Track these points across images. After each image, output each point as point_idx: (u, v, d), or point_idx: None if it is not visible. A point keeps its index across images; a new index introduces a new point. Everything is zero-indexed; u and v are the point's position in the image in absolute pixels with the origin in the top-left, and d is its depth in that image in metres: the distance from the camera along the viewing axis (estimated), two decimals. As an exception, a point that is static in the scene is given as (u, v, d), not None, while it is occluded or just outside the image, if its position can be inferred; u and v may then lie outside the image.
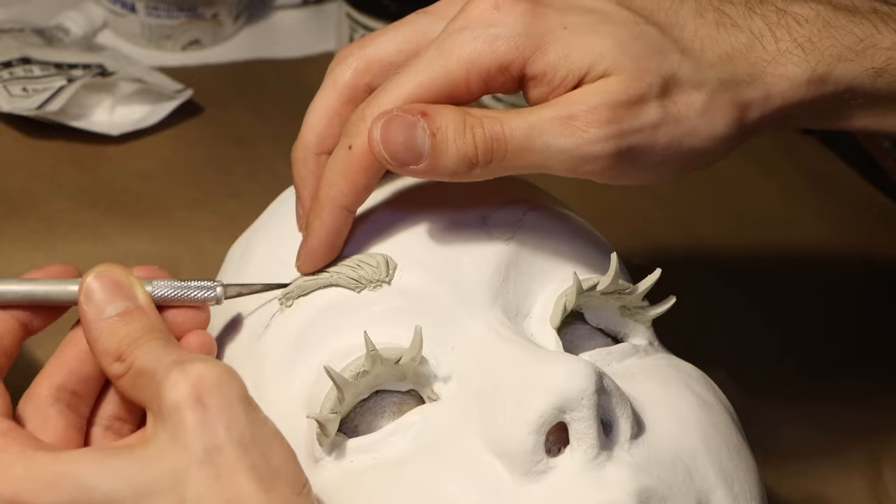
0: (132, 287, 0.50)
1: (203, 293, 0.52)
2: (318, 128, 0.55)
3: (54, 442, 0.49)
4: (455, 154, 0.50)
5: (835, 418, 0.72)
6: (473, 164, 0.50)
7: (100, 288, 0.50)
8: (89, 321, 0.50)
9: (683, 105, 0.52)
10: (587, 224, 0.58)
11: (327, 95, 0.55)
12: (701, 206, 0.86)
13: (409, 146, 0.50)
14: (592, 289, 0.53)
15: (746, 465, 0.52)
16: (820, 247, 0.84)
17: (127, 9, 0.93)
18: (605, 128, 0.50)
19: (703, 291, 0.77)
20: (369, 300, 0.52)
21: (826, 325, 0.78)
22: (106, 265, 0.51)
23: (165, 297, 0.51)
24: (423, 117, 0.50)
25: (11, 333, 0.51)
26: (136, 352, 0.48)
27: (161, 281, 0.52)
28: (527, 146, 0.50)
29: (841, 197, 0.89)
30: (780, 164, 0.90)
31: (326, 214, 0.52)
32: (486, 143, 0.50)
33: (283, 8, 1.01)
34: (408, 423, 0.50)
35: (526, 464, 0.47)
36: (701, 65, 0.52)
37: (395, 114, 0.50)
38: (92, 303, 0.50)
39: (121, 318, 0.49)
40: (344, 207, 0.52)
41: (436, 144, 0.50)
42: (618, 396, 0.49)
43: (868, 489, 0.70)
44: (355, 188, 0.52)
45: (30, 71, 0.84)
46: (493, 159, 0.51)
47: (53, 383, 0.51)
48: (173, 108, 0.86)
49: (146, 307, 0.50)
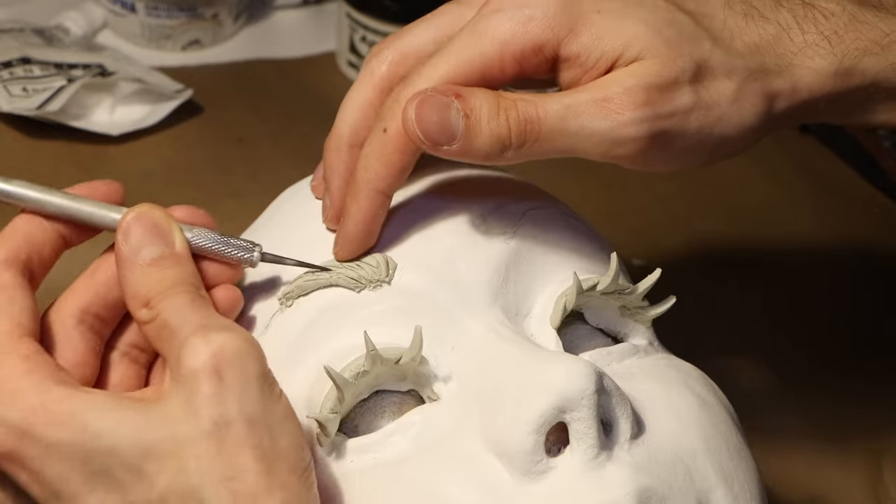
0: (171, 232, 0.50)
1: (241, 253, 0.52)
2: (353, 119, 0.54)
3: (72, 362, 0.50)
4: (488, 135, 0.50)
5: (835, 418, 0.72)
6: (506, 145, 0.50)
7: (139, 229, 0.50)
8: (123, 261, 0.49)
9: (715, 92, 0.52)
10: (587, 224, 0.58)
11: (363, 87, 0.55)
12: (701, 206, 0.86)
13: (442, 126, 0.50)
14: (592, 289, 0.53)
15: (746, 465, 0.52)
16: (820, 247, 0.84)
17: (127, 9, 0.93)
18: (640, 110, 0.50)
19: (703, 291, 0.77)
20: (369, 300, 0.52)
21: (826, 325, 0.78)
22: (148, 205, 0.50)
23: (202, 248, 0.51)
24: (456, 98, 0.50)
25: (51, 244, 0.51)
26: (163, 302, 0.48)
27: (202, 230, 0.51)
28: (561, 128, 0.51)
29: (841, 197, 0.89)
30: (779, 164, 0.90)
31: (363, 198, 0.52)
32: (519, 124, 0.50)
33: (283, 8, 1.01)
34: (408, 423, 0.50)
35: (526, 464, 0.47)
36: (731, 53, 0.52)
37: (429, 94, 0.50)
38: (129, 243, 0.49)
39: (154, 263, 0.49)
40: (380, 191, 0.52)
41: (469, 125, 0.50)
42: (618, 396, 0.49)
43: (868, 489, 0.70)
44: (391, 170, 0.52)
45: (30, 71, 0.84)
46: (527, 141, 0.51)
47: (79, 304, 0.51)
48: (173, 108, 0.86)
49: (182, 254, 0.50)
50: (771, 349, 0.76)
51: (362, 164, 0.52)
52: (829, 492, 0.69)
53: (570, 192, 0.62)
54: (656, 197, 0.86)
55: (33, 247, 0.50)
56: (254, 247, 0.52)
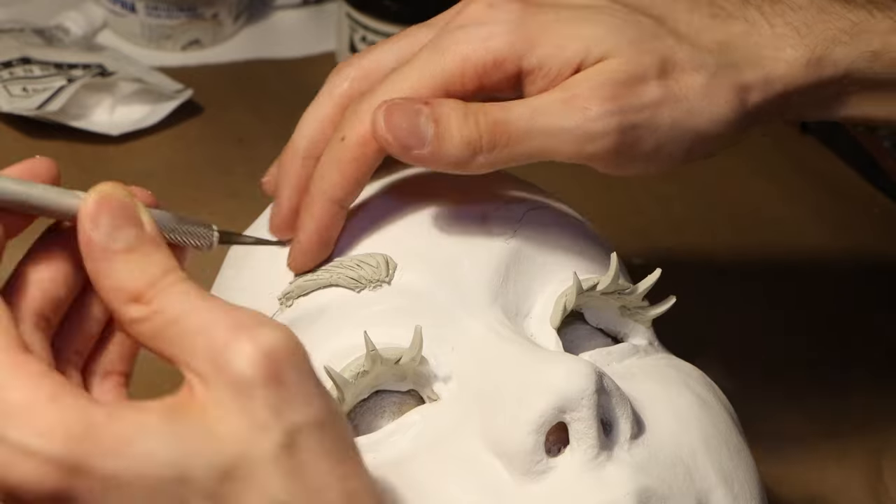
0: (139, 213, 0.44)
1: (198, 239, 0.47)
2: (311, 132, 0.54)
3: None
4: (459, 140, 0.50)
5: (835, 418, 0.72)
6: (477, 149, 0.50)
7: (108, 213, 0.43)
8: (97, 251, 0.43)
9: (684, 85, 0.52)
10: (587, 224, 0.58)
11: (323, 102, 0.55)
12: (701, 206, 0.86)
13: (412, 130, 0.50)
14: (592, 289, 0.53)
15: (746, 465, 0.52)
16: (820, 247, 0.84)
17: (127, 9, 0.93)
18: (608, 104, 0.51)
19: (703, 291, 0.77)
20: (369, 300, 0.52)
21: (826, 325, 0.78)
22: (109, 184, 0.44)
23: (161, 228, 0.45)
24: (425, 105, 0.50)
25: None
26: (161, 295, 0.42)
27: (158, 212, 0.46)
28: (529, 128, 0.51)
29: (841, 197, 0.89)
30: (779, 165, 0.90)
31: (317, 209, 0.52)
32: (489, 126, 0.50)
33: (283, 8, 1.01)
34: (408, 423, 0.50)
35: (526, 464, 0.47)
36: (698, 49, 0.53)
37: (397, 101, 0.50)
38: (99, 230, 0.43)
39: (134, 250, 0.43)
40: (335, 201, 0.52)
41: (439, 131, 0.50)
42: (618, 396, 0.49)
43: (868, 489, 0.70)
44: (346, 180, 0.52)
45: (30, 71, 0.84)
46: (497, 144, 0.51)
47: (33, 307, 0.44)
48: (173, 108, 0.86)
49: (156, 235, 0.44)
50: (771, 349, 0.76)
51: (318, 174, 0.52)
52: (829, 492, 0.69)
53: (570, 192, 0.62)
54: (656, 197, 0.86)
55: None
56: (209, 226, 0.48)
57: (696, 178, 0.88)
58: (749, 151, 0.90)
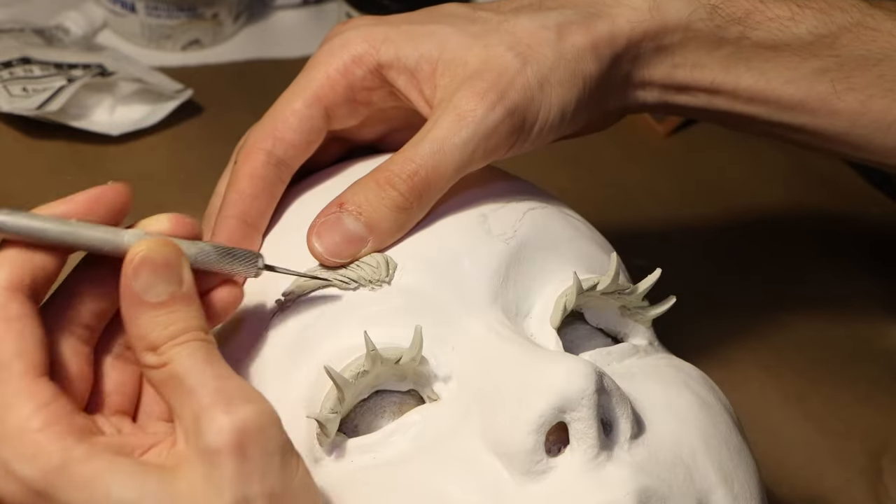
0: (181, 270, 0.48)
1: (244, 266, 0.51)
2: None
3: (70, 378, 0.48)
4: (389, 213, 0.53)
5: (835, 419, 0.72)
6: (409, 208, 0.53)
7: (149, 268, 0.47)
8: (130, 299, 0.47)
9: (536, 43, 0.55)
10: (587, 224, 0.58)
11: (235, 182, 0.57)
12: (701, 206, 0.86)
13: (348, 237, 0.53)
14: (592, 289, 0.53)
15: (746, 465, 0.52)
16: (820, 247, 0.84)
17: (127, 9, 0.93)
18: (486, 97, 0.54)
19: (703, 291, 0.77)
20: (369, 300, 0.52)
21: (826, 325, 0.78)
22: (156, 242, 0.47)
23: (207, 263, 0.49)
24: (340, 208, 0.53)
25: (53, 260, 0.48)
26: (173, 350, 0.46)
27: (206, 245, 0.50)
28: (440, 162, 0.53)
29: (841, 197, 0.89)
30: (779, 165, 0.90)
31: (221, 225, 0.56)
32: (407, 186, 0.53)
33: (283, 8, 1.01)
34: (408, 423, 0.50)
35: (526, 464, 0.47)
36: (539, 14, 0.56)
37: (316, 221, 0.53)
38: (138, 282, 0.47)
39: (163, 306, 0.47)
40: (232, 217, 0.55)
41: (367, 220, 0.53)
42: (618, 396, 0.49)
43: (868, 489, 0.70)
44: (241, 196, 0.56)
45: (30, 71, 0.84)
46: (423, 192, 0.53)
47: (70, 316, 0.49)
48: (173, 108, 0.86)
49: (190, 293, 0.48)
50: (771, 349, 0.76)
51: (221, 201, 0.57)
52: (829, 492, 0.69)
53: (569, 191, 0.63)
54: (656, 197, 0.86)
55: (36, 265, 0.47)
56: (256, 258, 0.51)
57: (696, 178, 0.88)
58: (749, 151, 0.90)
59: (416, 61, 0.55)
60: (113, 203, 0.49)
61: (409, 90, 0.56)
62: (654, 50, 0.58)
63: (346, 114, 0.58)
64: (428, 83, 0.55)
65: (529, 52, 0.55)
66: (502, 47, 0.55)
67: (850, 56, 0.58)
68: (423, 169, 0.53)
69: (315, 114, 0.57)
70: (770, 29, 0.58)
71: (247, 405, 0.45)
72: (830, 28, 0.58)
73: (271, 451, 0.45)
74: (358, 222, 0.52)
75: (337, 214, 0.53)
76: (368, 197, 0.53)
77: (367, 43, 0.56)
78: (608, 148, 0.87)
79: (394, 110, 0.59)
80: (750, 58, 0.58)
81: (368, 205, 0.53)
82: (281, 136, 0.57)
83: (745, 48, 0.58)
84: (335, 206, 0.53)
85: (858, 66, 0.58)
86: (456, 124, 0.53)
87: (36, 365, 0.46)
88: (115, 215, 0.49)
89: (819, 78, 0.58)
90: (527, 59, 0.55)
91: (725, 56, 0.58)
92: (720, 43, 0.58)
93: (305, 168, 0.58)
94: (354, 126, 0.59)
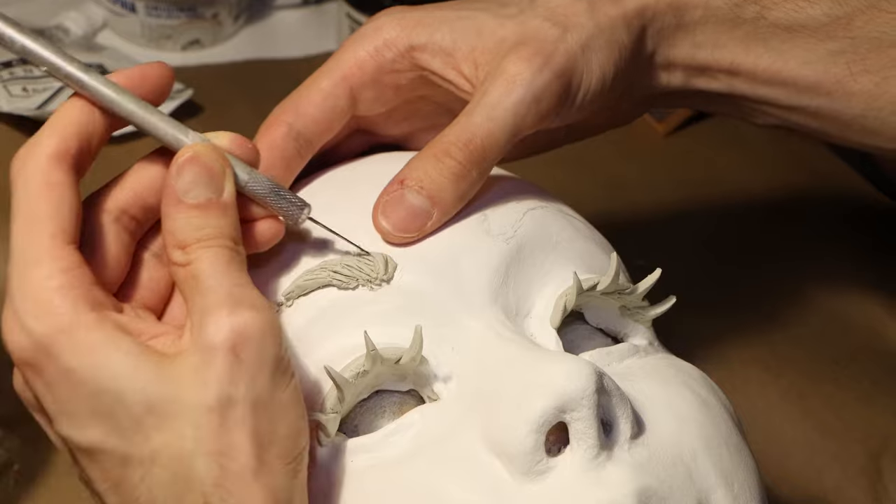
0: (223, 179, 0.49)
1: (291, 208, 0.51)
2: None
3: (105, 260, 0.50)
4: (449, 184, 0.53)
5: (835, 419, 0.72)
6: (469, 176, 0.53)
7: (192, 170, 0.49)
8: (170, 196, 0.49)
9: (572, 13, 0.56)
10: (587, 224, 0.58)
11: None
12: (701, 207, 0.86)
13: (413, 212, 0.53)
14: (592, 289, 0.53)
15: (746, 465, 0.52)
16: (820, 247, 0.84)
17: (127, 9, 0.93)
18: (534, 61, 0.54)
19: (703, 291, 0.77)
20: (369, 300, 0.52)
21: (826, 325, 0.78)
22: (207, 146, 0.49)
23: (255, 193, 0.50)
24: (401, 184, 0.53)
25: (99, 135, 0.51)
26: (199, 251, 0.48)
27: (260, 177, 0.51)
28: (493, 128, 0.54)
29: (841, 197, 0.89)
30: (779, 165, 0.90)
31: None
32: (464, 154, 0.53)
33: (283, 8, 1.01)
34: (408, 423, 0.50)
35: (526, 464, 0.47)
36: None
37: (381, 200, 0.53)
38: (179, 181, 0.49)
39: (199, 208, 0.48)
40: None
41: (430, 193, 0.53)
42: (618, 396, 0.49)
43: (868, 489, 0.70)
44: None
45: (30, 71, 0.84)
46: (478, 159, 0.53)
47: (118, 202, 0.51)
48: (173, 108, 0.86)
49: (228, 203, 0.49)
50: (771, 349, 0.76)
51: None
52: (829, 492, 0.69)
53: (569, 191, 0.63)
54: (656, 197, 0.86)
55: (84, 138, 0.50)
56: (304, 205, 0.52)
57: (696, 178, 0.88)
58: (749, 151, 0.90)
59: (454, 41, 0.56)
60: (159, 77, 0.51)
61: (446, 70, 0.56)
62: (676, 27, 0.58)
63: (371, 98, 0.58)
64: (467, 61, 0.56)
65: (567, 21, 0.56)
66: (539, 19, 0.56)
67: (865, 38, 0.58)
68: (477, 136, 0.53)
69: (340, 93, 0.57)
70: (786, 10, 0.58)
71: (251, 311, 0.46)
72: (845, 10, 0.58)
73: (265, 359, 0.46)
74: (420, 196, 0.53)
75: (400, 191, 0.53)
76: (427, 170, 0.53)
77: (400, 26, 0.57)
78: (608, 147, 0.87)
79: (421, 101, 0.59)
80: (767, 38, 0.58)
81: (428, 177, 0.53)
82: (304, 111, 0.57)
83: (762, 28, 0.58)
84: (396, 183, 0.53)
85: (873, 47, 0.58)
86: (505, 88, 0.54)
87: (66, 231, 0.48)
88: (161, 89, 0.51)
89: (835, 59, 0.58)
90: (566, 27, 0.55)
91: (744, 36, 0.58)
92: (738, 22, 0.58)
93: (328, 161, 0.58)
94: (379, 117, 0.59)
